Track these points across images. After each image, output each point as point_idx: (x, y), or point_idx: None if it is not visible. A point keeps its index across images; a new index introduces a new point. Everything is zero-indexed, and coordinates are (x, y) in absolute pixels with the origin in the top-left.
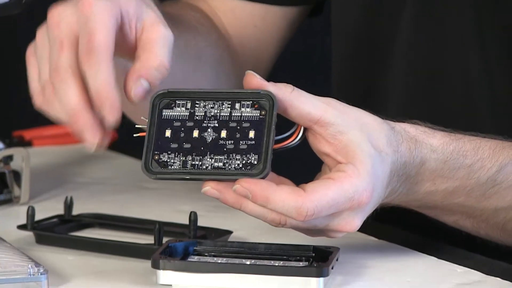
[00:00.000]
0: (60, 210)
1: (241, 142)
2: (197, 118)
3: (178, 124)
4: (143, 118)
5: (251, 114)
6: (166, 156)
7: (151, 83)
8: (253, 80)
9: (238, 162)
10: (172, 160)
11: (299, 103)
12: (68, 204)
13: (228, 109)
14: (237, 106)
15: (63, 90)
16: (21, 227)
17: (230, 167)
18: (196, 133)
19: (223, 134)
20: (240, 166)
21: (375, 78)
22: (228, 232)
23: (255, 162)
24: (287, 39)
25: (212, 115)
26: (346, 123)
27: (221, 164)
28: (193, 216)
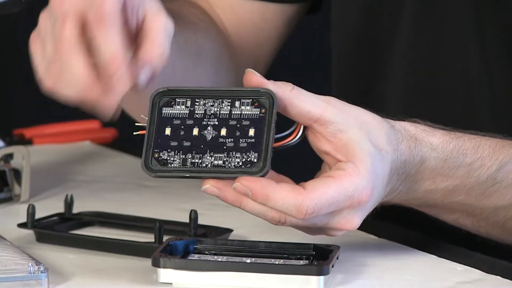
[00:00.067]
0: (61, 208)
1: (241, 140)
2: (197, 116)
3: (178, 122)
4: (143, 117)
5: (251, 112)
6: (166, 154)
7: (154, 72)
8: (253, 78)
9: (238, 160)
10: (172, 158)
11: (299, 102)
12: (69, 202)
13: (228, 107)
14: (237, 104)
15: (71, 62)
16: (21, 225)
17: (230, 165)
18: (196, 131)
19: (223, 132)
20: (240, 164)
21: (375, 78)
22: (228, 231)
23: (255, 160)
24: (286, 37)
25: (212, 113)
26: (346, 121)
27: (221, 162)
28: (193, 214)
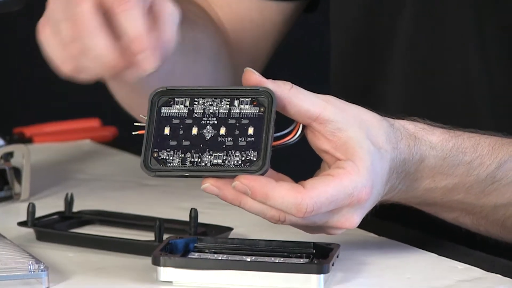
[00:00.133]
0: (61, 207)
1: (240, 139)
2: (196, 115)
3: (177, 121)
4: (142, 116)
5: (250, 111)
6: (165, 153)
7: (164, 57)
8: (252, 77)
9: (237, 159)
10: (171, 158)
11: (298, 101)
12: (69, 201)
13: (227, 106)
14: (236, 103)
15: (94, 40)
16: (21, 224)
17: (229, 163)
18: (195, 130)
19: (222, 131)
20: (239, 162)
21: (375, 78)
22: (228, 229)
23: (254, 159)
24: (283, 34)
25: (211, 112)
26: (345, 120)
27: (220, 161)
28: (193, 213)
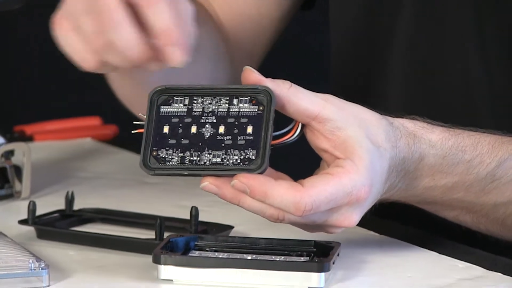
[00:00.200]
0: (61, 205)
1: (239, 138)
2: (195, 114)
3: (176, 120)
4: (141, 115)
5: (249, 110)
6: (164, 152)
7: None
8: (251, 76)
9: (236, 158)
10: (170, 156)
11: (296, 99)
12: (69, 199)
13: (226, 104)
14: (235, 101)
15: (121, 32)
16: (22, 222)
17: (228, 162)
18: (194, 129)
19: (221, 129)
20: (238, 161)
21: (374, 78)
22: (229, 227)
23: (253, 157)
24: (280, 31)
25: (210, 111)
26: (344, 119)
27: (219, 160)
28: (194, 211)
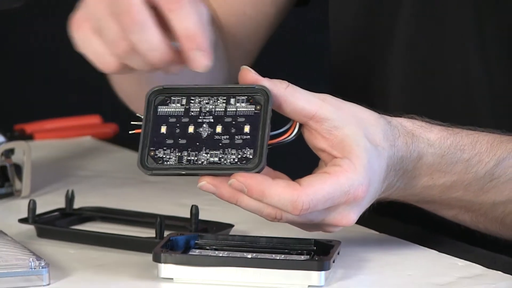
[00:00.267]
0: (61, 203)
1: (236, 137)
2: (192, 114)
3: (174, 120)
4: (138, 115)
5: (246, 109)
6: (162, 152)
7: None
8: (248, 75)
9: (234, 157)
10: (168, 156)
11: (294, 99)
12: (69, 198)
13: (223, 104)
14: (232, 101)
15: (144, 36)
16: (22, 221)
17: (225, 161)
18: (191, 128)
19: (219, 129)
20: (236, 160)
21: (374, 77)
22: (229, 226)
23: (251, 157)
24: (275, 27)
25: (207, 111)
26: (341, 118)
27: (216, 159)
28: (194, 210)
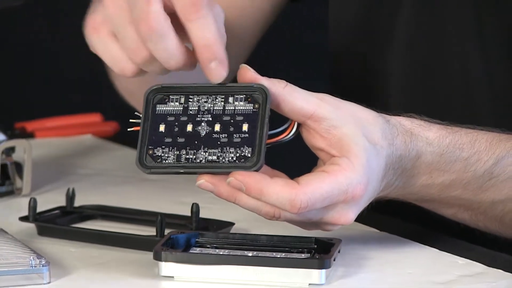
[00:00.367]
0: (62, 201)
1: (234, 136)
2: (190, 112)
3: (172, 118)
4: (137, 113)
5: (245, 108)
6: (160, 150)
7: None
8: (247, 74)
9: (232, 155)
10: (166, 155)
11: (292, 98)
12: (70, 196)
13: (222, 103)
14: (230, 100)
15: (163, 43)
16: (23, 219)
17: (224, 160)
18: (190, 127)
19: (217, 127)
20: (234, 159)
21: (374, 77)
22: (230, 224)
23: (249, 155)
24: (271, 23)
25: (205, 109)
26: (339, 117)
27: (215, 158)
28: (195, 208)
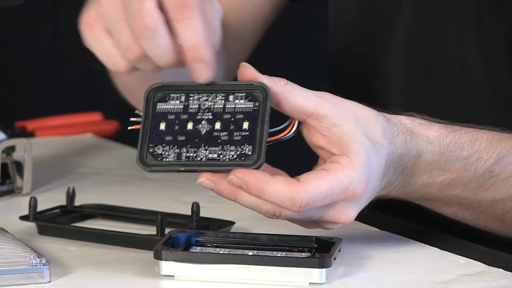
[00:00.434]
0: (62, 200)
1: (235, 134)
2: (191, 110)
3: (173, 117)
4: (137, 112)
5: (245, 106)
6: (161, 148)
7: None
8: (247, 72)
9: (233, 153)
10: (167, 153)
11: (292, 97)
12: (70, 195)
13: (222, 101)
14: (230, 98)
15: (155, 41)
16: (23, 218)
17: (224, 158)
18: (190, 125)
19: (217, 126)
20: (235, 157)
21: (374, 76)
22: (230, 223)
23: (249, 153)
24: (271, 22)
25: (206, 108)
26: (340, 115)
27: (215, 156)
28: (195, 207)
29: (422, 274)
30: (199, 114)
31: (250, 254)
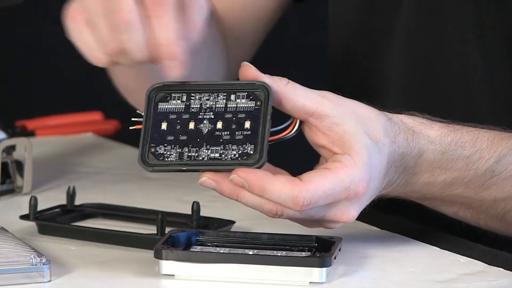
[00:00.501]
0: (63, 200)
1: (237, 133)
2: (192, 110)
3: (174, 116)
4: (138, 112)
5: (247, 105)
6: (163, 148)
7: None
8: (248, 71)
9: (234, 153)
10: (169, 152)
11: (294, 96)
12: (71, 194)
13: (224, 100)
14: (232, 97)
15: (131, 35)
16: (23, 217)
17: (226, 157)
18: (192, 125)
19: (219, 125)
20: (236, 156)
21: (374, 75)
22: (230, 222)
23: (251, 152)
24: (274, 22)
25: (207, 107)
26: (341, 114)
27: (217, 155)
28: (195, 206)
29: (422, 274)
30: (200, 114)
31: (251, 253)
